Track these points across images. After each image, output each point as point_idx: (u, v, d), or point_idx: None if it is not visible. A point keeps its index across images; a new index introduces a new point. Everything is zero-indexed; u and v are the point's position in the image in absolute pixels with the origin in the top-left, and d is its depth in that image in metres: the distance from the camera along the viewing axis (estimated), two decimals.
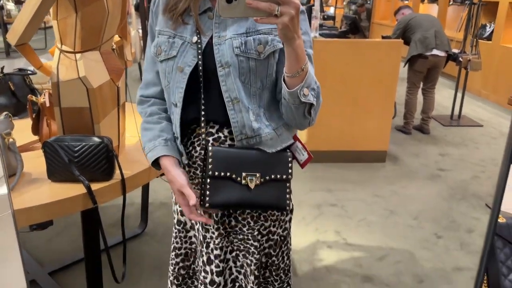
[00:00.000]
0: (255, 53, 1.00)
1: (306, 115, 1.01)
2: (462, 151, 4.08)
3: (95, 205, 1.38)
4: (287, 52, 0.91)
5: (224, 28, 1.02)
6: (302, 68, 0.93)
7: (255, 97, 1.04)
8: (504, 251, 0.97)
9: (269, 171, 1.05)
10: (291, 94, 0.95)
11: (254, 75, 1.02)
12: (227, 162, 1.03)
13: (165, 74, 1.07)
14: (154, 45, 1.08)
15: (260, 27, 1.01)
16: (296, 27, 0.86)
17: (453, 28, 7.72)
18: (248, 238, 1.15)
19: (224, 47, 1.00)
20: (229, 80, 1.01)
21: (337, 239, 2.57)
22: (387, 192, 3.21)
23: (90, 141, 1.40)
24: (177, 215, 1.22)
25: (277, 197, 1.05)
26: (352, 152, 3.68)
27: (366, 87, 3.50)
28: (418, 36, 4.15)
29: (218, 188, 1.03)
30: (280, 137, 1.09)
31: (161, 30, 1.06)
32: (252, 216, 1.14)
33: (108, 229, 2.56)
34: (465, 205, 3.04)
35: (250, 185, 1.03)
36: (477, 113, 5.36)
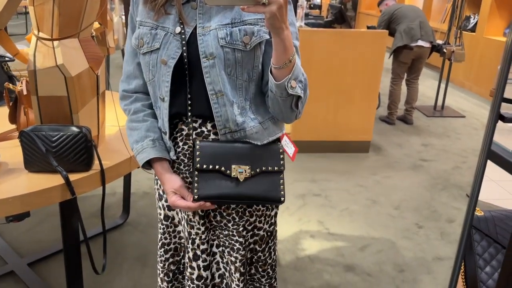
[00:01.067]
0: (241, 44, 0.97)
1: (293, 107, 0.99)
2: (445, 142, 4.14)
3: (73, 196, 1.35)
4: (275, 42, 0.89)
5: (208, 18, 0.99)
6: (290, 60, 0.91)
7: (241, 89, 1.02)
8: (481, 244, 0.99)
9: (260, 163, 1.04)
10: (278, 86, 0.94)
11: (240, 67, 1.00)
12: (215, 155, 1.02)
13: (149, 68, 1.03)
14: (135, 36, 1.04)
15: (246, 17, 0.99)
16: (284, 17, 0.85)
17: (437, 19, 7.78)
18: (233, 234, 1.13)
19: (209, 37, 0.98)
20: (213, 72, 0.98)
21: (320, 228, 2.59)
22: (370, 182, 3.24)
23: (68, 130, 1.36)
24: (163, 210, 1.19)
25: (270, 189, 1.04)
26: (336, 142, 3.69)
27: (351, 77, 3.50)
28: (403, 27, 4.16)
29: (207, 181, 1.01)
30: (266, 131, 1.07)
31: (142, 21, 1.03)
32: (237, 211, 1.12)
33: (90, 219, 2.53)
34: (446, 195, 3.08)
35: (240, 178, 1.02)
36: (460, 104, 5.43)
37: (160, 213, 1.20)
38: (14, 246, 2.28)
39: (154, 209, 2.70)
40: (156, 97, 1.07)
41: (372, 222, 2.68)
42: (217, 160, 1.01)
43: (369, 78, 3.53)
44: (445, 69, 5.02)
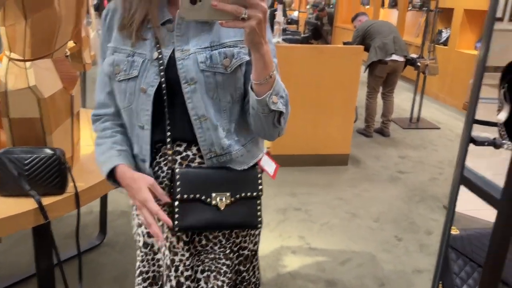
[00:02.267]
0: (222, 67, 0.96)
1: (276, 124, 0.97)
2: (421, 153, 4.21)
3: (46, 220, 1.32)
4: (255, 58, 0.88)
5: (186, 41, 0.98)
6: (270, 75, 0.90)
7: (225, 112, 1.01)
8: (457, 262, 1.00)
9: (239, 190, 1.03)
10: (260, 102, 0.92)
11: (223, 90, 0.98)
12: (195, 183, 1.00)
13: (126, 95, 1.00)
14: (109, 63, 1.01)
15: (225, 39, 0.98)
16: (264, 32, 0.83)
17: (412, 33, 7.98)
18: (219, 257, 1.11)
19: (189, 62, 0.96)
20: (195, 97, 0.97)
21: (301, 244, 2.58)
22: (349, 195, 3.26)
23: (41, 153, 1.34)
24: (142, 237, 1.14)
25: (248, 215, 1.04)
26: (315, 156, 3.72)
27: (328, 91, 3.54)
28: (377, 43, 4.25)
29: (187, 211, 1.00)
30: (249, 153, 1.07)
31: (118, 48, 1.00)
32: (223, 234, 1.11)
33: (64, 240, 2.46)
34: (424, 206, 3.13)
35: (220, 206, 1.01)
36: (435, 115, 5.55)
37: (139, 240, 1.15)
38: None
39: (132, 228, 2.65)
40: (132, 124, 1.04)
41: (352, 236, 2.69)
42: (197, 189, 1.00)
43: (346, 92, 3.58)
44: (419, 82, 5.14)
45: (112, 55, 1.01)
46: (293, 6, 11.30)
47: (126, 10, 0.99)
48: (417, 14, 7.92)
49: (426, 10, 5.11)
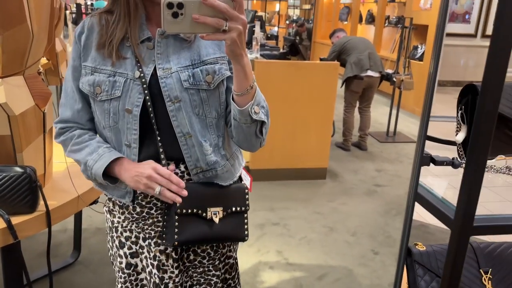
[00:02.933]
0: (205, 84, 0.98)
1: (258, 134, 0.99)
2: (397, 167, 4.28)
3: (16, 240, 1.29)
4: (236, 69, 0.90)
5: (166, 59, 0.98)
6: (251, 86, 0.92)
7: (212, 127, 1.03)
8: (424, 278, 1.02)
9: (230, 204, 1.07)
10: (242, 113, 0.93)
11: (208, 106, 1.00)
12: (192, 198, 1.01)
13: (109, 115, 0.99)
14: (89, 83, 0.99)
15: (205, 57, 1.00)
16: (243, 44, 0.85)
17: (388, 49, 8.17)
18: (209, 270, 1.14)
19: (171, 80, 0.97)
20: (180, 115, 0.98)
21: (279, 259, 2.58)
22: (327, 208, 3.29)
23: (11, 171, 1.31)
24: (125, 258, 1.12)
25: (237, 228, 1.07)
26: (294, 170, 3.74)
27: (306, 106, 3.59)
28: (353, 59, 4.34)
29: (185, 225, 1.01)
30: (233, 167, 1.10)
31: (98, 68, 0.99)
32: (212, 246, 1.13)
33: (36, 259, 2.40)
34: (400, 220, 3.17)
35: (215, 220, 1.04)
36: (411, 129, 5.66)
37: (121, 261, 1.13)
38: None
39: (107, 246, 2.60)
40: (119, 142, 1.03)
41: (329, 250, 2.71)
42: (194, 203, 1.02)
43: (323, 107, 3.63)
44: (395, 97, 5.25)
45: (92, 75, 0.99)
46: (273, 22, 11.46)
47: (104, 29, 0.99)
48: (393, 30, 8.13)
49: (401, 27, 5.26)
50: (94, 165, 1.01)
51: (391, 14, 8.34)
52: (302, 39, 8.86)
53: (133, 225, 1.09)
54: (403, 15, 6.65)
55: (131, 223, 1.09)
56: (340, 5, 10.04)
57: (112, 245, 1.16)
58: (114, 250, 1.15)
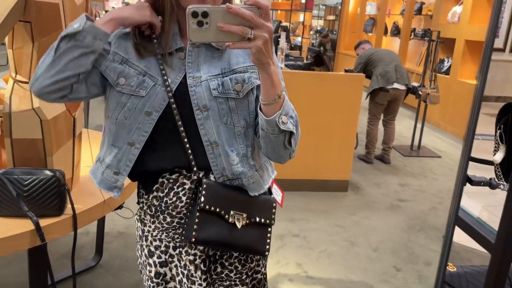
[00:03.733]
0: (234, 93, 0.98)
1: (287, 145, 0.97)
2: (421, 182, 4.20)
3: (43, 242, 1.31)
4: (263, 78, 0.88)
5: (197, 68, 0.99)
6: (279, 95, 0.90)
7: (240, 137, 1.02)
8: None
9: (255, 214, 1.04)
10: (269, 123, 0.92)
11: (236, 115, 0.99)
12: (218, 197, 1.00)
13: (123, 108, 0.99)
14: (113, 69, 0.97)
15: (235, 66, 0.99)
16: (270, 52, 0.84)
17: (413, 61, 8.07)
18: (235, 284, 1.11)
19: (200, 89, 0.97)
20: (207, 124, 0.98)
21: (299, 271, 2.55)
22: (348, 222, 3.24)
23: (41, 174, 1.34)
24: (154, 267, 1.11)
25: (258, 241, 1.04)
26: (315, 181, 3.71)
27: (329, 117, 3.57)
28: (379, 70, 4.30)
29: (206, 223, 0.99)
30: (261, 178, 1.08)
31: (129, 61, 0.99)
32: (239, 260, 1.11)
33: (60, 260, 2.44)
34: (423, 236, 3.10)
35: (237, 224, 1.01)
36: (436, 143, 5.56)
37: (150, 270, 1.12)
38: None
39: (128, 250, 2.63)
40: (119, 136, 1.01)
41: (350, 265, 2.66)
42: (219, 203, 1.00)
43: (347, 118, 3.60)
44: (421, 110, 5.17)
45: (121, 65, 0.98)
46: (297, 32, 11.49)
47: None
48: (419, 43, 8.04)
49: (428, 40, 5.19)
50: (73, 26, 0.92)
51: (417, 27, 8.25)
52: (326, 50, 8.85)
53: (163, 235, 1.09)
54: (430, 28, 6.57)
55: (161, 233, 1.09)
56: (365, 17, 9.99)
57: (141, 253, 1.15)
58: (143, 259, 1.14)
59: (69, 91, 0.96)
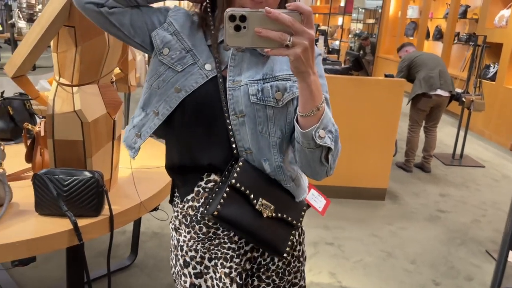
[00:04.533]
0: (273, 101, 0.94)
1: (323, 161, 0.91)
2: (463, 192, 4.03)
3: (80, 242, 1.34)
4: (301, 88, 0.83)
5: (239, 72, 0.96)
6: (318, 107, 0.85)
7: (275, 147, 0.97)
8: None
9: (283, 210, 0.99)
10: (304, 136, 0.87)
11: (273, 124, 0.96)
12: (250, 179, 0.95)
13: (158, 78, 0.98)
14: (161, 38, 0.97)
15: (278, 73, 0.95)
16: (310, 61, 0.79)
17: (457, 67, 7.79)
18: None
19: (239, 93, 0.94)
20: (242, 130, 0.95)
21: (332, 281, 2.50)
22: (385, 232, 3.15)
23: (80, 175, 1.37)
24: (189, 278, 1.08)
25: (280, 239, 0.99)
26: (351, 188, 3.63)
27: (368, 123, 3.48)
28: (422, 75, 4.16)
29: (232, 201, 0.94)
30: (298, 188, 1.04)
31: (180, 35, 0.98)
32: (277, 273, 1.08)
33: (96, 258, 2.50)
34: (465, 250, 2.97)
35: (264, 213, 0.96)
36: (479, 153, 5.33)
37: (185, 280, 1.09)
38: (20, 283, 2.25)
39: (162, 251, 2.66)
40: (149, 102, 1.01)
41: (386, 277, 2.58)
42: (250, 185, 0.95)
43: (386, 125, 3.50)
44: (464, 117, 4.97)
45: (171, 35, 0.98)
46: (335, 36, 11.36)
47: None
48: (463, 48, 7.74)
49: (473, 45, 4.98)
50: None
51: (461, 31, 7.96)
52: (365, 53, 8.69)
53: (199, 245, 1.06)
54: (475, 33, 6.31)
55: (197, 243, 1.06)
56: (406, 20, 9.74)
57: (175, 263, 1.13)
58: (177, 269, 1.12)
59: (113, 2, 0.95)
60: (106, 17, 0.97)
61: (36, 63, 7.33)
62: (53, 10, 1.28)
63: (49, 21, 1.27)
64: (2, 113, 2.09)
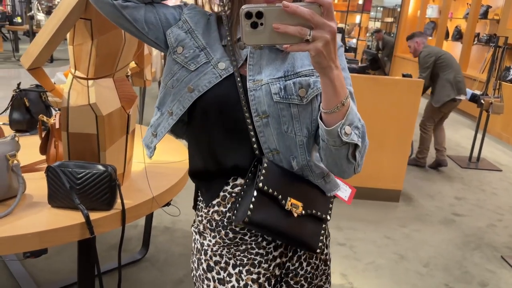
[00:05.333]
0: (297, 98, 0.90)
1: (350, 158, 0.87)
2: (479, 196, 3.95)
3: (92, 235, 1.33)
4: (323, 83, 0.80)
5: (258, 70, 0.93)
6: (343, 103, 0.80)
7: (302, 146, 0.94)
8: None
9: (312, 206, 0.96)
10: (329, 133, 0.83)
11: (298, 122, 0.92)
12: (276, 180, 0.92)
13: (172, 77, 0.97)
14: (176, 36, 0.96)
15: (300, 69, 0.92)
16: (333, 55, 0.75)
17: (476, 68, 7.64)
18: None
19: (261, 93, 0.91)
20: (267, 131, 0.92)
21: (343, 282, 2.47)
22: (398, 234, 3.10)
23: (94, 169, 1.36)
24: (213, 282, 1.03)
25: (311, 236, 0.96)
26: (365, 189, 3.58)
27: (384, 124, 3.43)
28: (451, 77, 4.08)
29: (261, 204, 0.90)
30: (327, 185, 1.01)
31: (194, 32, 0.96)
32: (305, 277, 1.06)
33: (108, 251, 2.51)
34: (480, 255, 2.91)
35: (293, 213, 0.93)
36: (496, 156, 5.22)
37: (208, 284, 1.05)
38: (32, 275, 2.28)
39: (174, 245, 2.66)
40: (164, 102, 1.00)
41: (399, 280, 2.54)
42: (277, 187, 0.92)
43: (403, 126, 3.45)
44: (482, 120, 4.87)
45: (185, 33, 0.96)
46: (352, 34, 11.25)
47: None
48: (483, 48, 7.59)
49: (494, 46, 4.88)
50: None
51: (481, 32, 7.80)
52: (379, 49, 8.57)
53: (224, 250, 1.03)
54: (496, 33, 6.18)
55: (222, 248, 1.03)
56: (425, 19, 9.59)
57: (197, 266, 1.09)
58: (199, 272, 1.08)
59: None
60: (119, 11, 0.95)
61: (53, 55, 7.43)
62: (70, 2, 1.27)
63: (66, 13, 1.27)
64: (19, 105, 2.11)
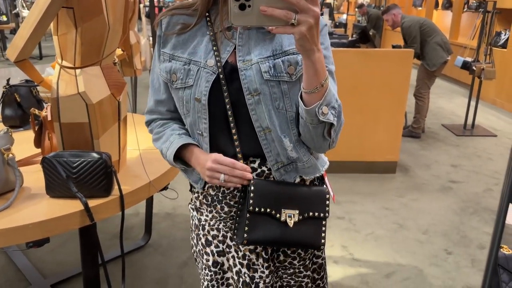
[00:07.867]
0: (286, 76, 0.94)
1: (326, 136, 0.93)
2: (475, 162, 3.99)
3: (92, 222, 1.36)
4: (305, 65, 0.84)
5: (247, 51, 0.95)
6: (322, 84, 0.85)
7: (292, 122, 0.98)
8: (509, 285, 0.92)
9: (308, 208, 1.01)
10: (308, 112, 0.88)
11: (289, 99, 0.95)
12: (267, 197, 0.98)
13: (183, 103, 1.00)
14: (167, 70, 1.01)
15: (287, 47, 0.95)
16: (315, 38, 0.79)
17: (466, 35, 7.61)
18: (300, 271, 1.11)
19: (251, 72, 0.93)
20: (259, 109, 0.95)
21: (344, 254, 2.52)
22: (396, 204, 3.14)
23: (88, 157, 1.38)
24: (212, 256, 1.10)
25: (313, 235, 1.01)
26: (361, 163, 3.62)
27: (376, 96, 3.45)
28: (438, 40, 4.17)
29: (256, 223, 0.97)
30: (318, 161, 1.06)
31: (175, 56, 1.00)
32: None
33: (111, 240, 2.55)
34: (477, 219, 2.96)
35: (289, 223, 0.98)
36: (491, 122, 5.25)
37: (207, 259, 1.12)
38: (37, 267, 2.31)
39: (176, 231, 2.70)
40: (193, 131, 1.04)
41: (398, 248, 2.59)
42: (269, 203, 0.98)
43: (395, 97, 3.46)
44: (475, 87, 4.88)
45: (169, 62, 1.00)
46: (341, 9, 11.14)
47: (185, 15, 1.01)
48: (473, 15, 7.55)
49: (483, 11, 4.86)
50: (167, 152, 1.04)
51: None
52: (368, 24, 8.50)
53: (221, 224, 1.08)
54: None
55: (219, 222, 1.08)
56: None
57: (197, 242, 1.14)
58: (199, 248, 1.14)
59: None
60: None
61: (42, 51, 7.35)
62: None
63: (47, 2, 1.26)
64: (10, 101, 2.11)
